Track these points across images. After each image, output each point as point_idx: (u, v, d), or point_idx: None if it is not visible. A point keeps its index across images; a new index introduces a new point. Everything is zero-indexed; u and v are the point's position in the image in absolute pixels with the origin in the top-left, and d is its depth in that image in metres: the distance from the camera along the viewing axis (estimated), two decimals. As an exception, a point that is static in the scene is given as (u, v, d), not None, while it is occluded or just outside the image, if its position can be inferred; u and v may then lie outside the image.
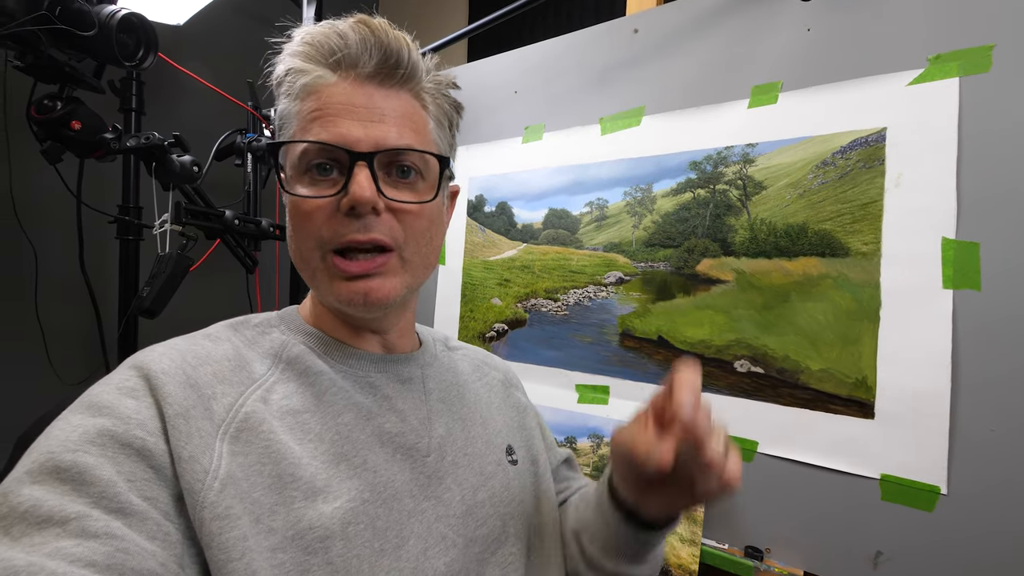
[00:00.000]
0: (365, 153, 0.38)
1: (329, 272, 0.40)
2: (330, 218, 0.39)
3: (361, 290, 0.39)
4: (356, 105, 0.39)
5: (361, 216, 0.38)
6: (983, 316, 0.60)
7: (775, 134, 0.75)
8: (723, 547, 0.75)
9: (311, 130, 0.39)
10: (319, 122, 0.39)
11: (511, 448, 0.51)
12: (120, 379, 0.35)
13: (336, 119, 0.38)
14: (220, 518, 0.32)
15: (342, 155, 0.38)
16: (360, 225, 0.39)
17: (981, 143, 0.62)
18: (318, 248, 0.39)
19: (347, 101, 0.39)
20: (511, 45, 1.06)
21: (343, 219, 0.39)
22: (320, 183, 0.39)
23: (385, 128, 0.39)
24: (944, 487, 0.61)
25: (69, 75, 0.84)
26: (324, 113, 0.39)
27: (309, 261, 0.40)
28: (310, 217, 0.39)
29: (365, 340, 0.45)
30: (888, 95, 0.67)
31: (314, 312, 0.46)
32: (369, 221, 0.39)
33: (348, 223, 0.39)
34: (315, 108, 0.39)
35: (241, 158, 1.17)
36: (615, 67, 0.90)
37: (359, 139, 0.38)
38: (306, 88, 0.40)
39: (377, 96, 0.40)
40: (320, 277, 0.40)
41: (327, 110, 0.39)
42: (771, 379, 0.74)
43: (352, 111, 0.39)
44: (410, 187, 0.41)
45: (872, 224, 0.68)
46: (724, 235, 0.79)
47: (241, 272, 1.18)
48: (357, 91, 0.39)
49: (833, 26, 0.72)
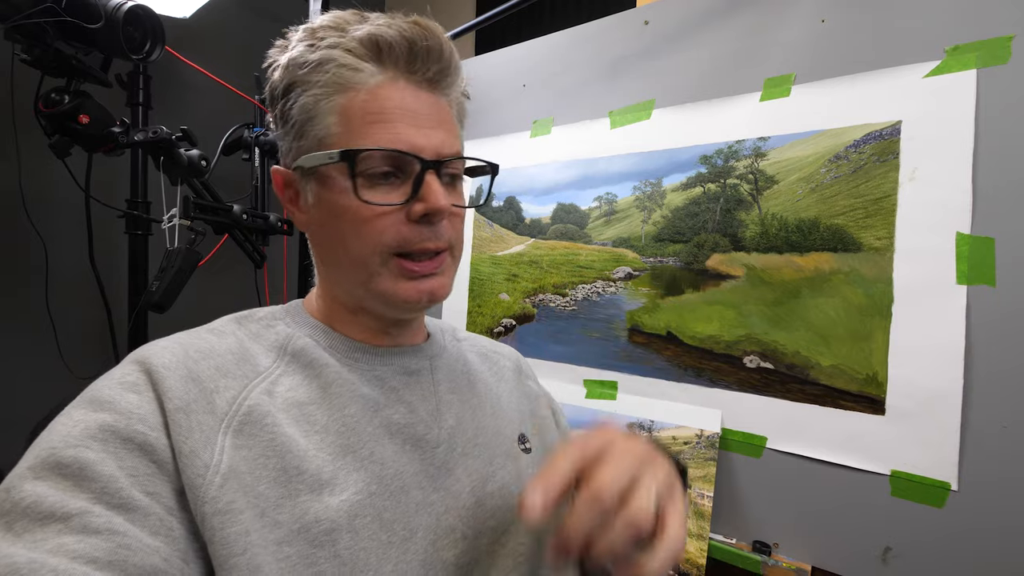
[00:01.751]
0: (434, 161, 0.39)
1: (392, 274, 0.40)
2: (397, 224, 0.39)
3: (426, 289, 0.40)
4: (414, 111, 0.39)
5: (433, 223, 0.39)
6: (998, 312, 0.60)
7: (787, 127, 0.75)
8: (731, 542, 0.75)
9: (371, 134, 0.38)
10: (380, 127, 0.38)
11: (523, 436, 0.51)
12: (122, 374, 0.35)
13: (399, 125, 0.38)
14: (221, 513, 0.31)
15: (408, 162, 0.38)
16: (431, 232, 0.40)
17: (998, 137, 0.61)
18: (379, 253, 0.39)
19: (405, 106, 0.38)
20: (519, 38, 1.05)
21: (412, 225, 0.39)
22: (378, 187, 0.39)
23: (440, 135, 0.40)
24: (955, 483, 0.61)
25: (76, 68, 0.84)
26: (384, 117, 0.38)
27: (368, 265, 0.40)
28: (372, 222, 0.39)
29: (376, 335, 0.45)
30: (904, 88, 0.66)
31: (323, 308, 0.45)
32: (441, 228, 0.40)
33: (419, 229, 0.39)
34: (372, 111, 0.38)
35: (249, 152, 1.17)
36: (625, 60, 0.89)
37: (423, 147, 0.39)
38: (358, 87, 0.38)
39: (429, 101, 0.40)
40: (381, 279, 0.40)
41: (387, 115, 0.38)
42: (781, 375, 0.73)
43: (413, 117, 0.39)
44: (454, 189, 0.42)
45: (885, 219, 0.67)
46: (734, 230, 0.79)
47: (249, 267, 1.19)
48: (412, 95, 0.39)
49: (848, 17, 0.71)
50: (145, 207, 1.08)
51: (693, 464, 0.78)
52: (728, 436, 0.77)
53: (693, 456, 0.78)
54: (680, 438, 0.80)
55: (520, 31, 1.57)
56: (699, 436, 0.78)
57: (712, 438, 0.77)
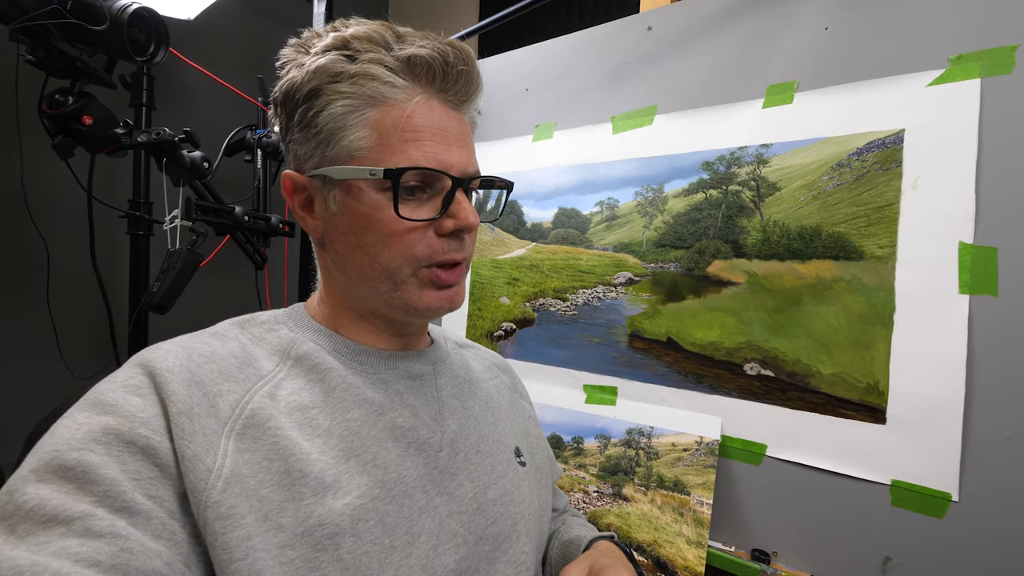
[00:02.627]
0: (464, 180, 0.41)
1: (421, 282, 0.42)
2: (427, 238, 0.41)
3: (448, 296, 0.43)
4: (444, 129, 0.40)
5: (462, 238, 0.42)
6: (1000, 322, 0.60)
7: (790, 135, 0.74)
8: (730, 550, 0.75)
9: (405, 151, 0.39)
10: (414, 144, 0.39)
11: (519, 450, 0.51)
12: (125, 377, 0.35)
13: (430, 143, 0.40)
14: (223, 518, 0.31)
15: (443, 179, 0.40)
16: (459, 246, 0.42)
17: (1002, 146, 0.60)
18: (409, 264, 0.41)
19: (434, 123, 0.40)
20: (521, 42, 1.05)
21: (440, 239, 0.41)
22: (408, 202, 0.40)
23: (467, 154, 0.42)
24: (956, 494, 0.61)
25: (80, 70, 0.84)
26: (418, 136, 0.39)
27: (395, 275, 0.41)
28: (403, 236, 0.40)
29: (382, 339, 0.46)
30: (907, 96, 0.66)
31: (327, 312, 0.46)
32: (467, 241, 0.43)
33: (447, 242, 0.41)
34: (407, 128, 0.39)
35: (251, 154, 1.17)
36: (628, 65, 0.89)
37: (453, 164, 0.40)
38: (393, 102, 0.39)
39: (455, 120, 0.42)
40: (407, 288, 0.42)
41: (420, 133, 0.39)
42: (781, 382, 0.73)
43: (439, 135, 0.40)
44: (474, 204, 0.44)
45: (888, 227, 0.67)
46: (736, 237, 0.78)
47: (251, 268, 1.19)
48: (443, 115, 0.41)
49: (852, 25, 0.70)
50: (147, 208, 1.09)
51: (693, 471, 0.78)
52: (728, 443, 0.77)
53: (693, 463, 0.78)
54: (679, 445, 0.80)
55: (522, 36, 1.57)
56: (699, 443, 0.78)
57: (712, 445, 0.77)
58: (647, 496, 0.80)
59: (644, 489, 0.81)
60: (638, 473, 0.82)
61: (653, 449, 0.82)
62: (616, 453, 0.85)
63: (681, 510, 0.77)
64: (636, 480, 0.82)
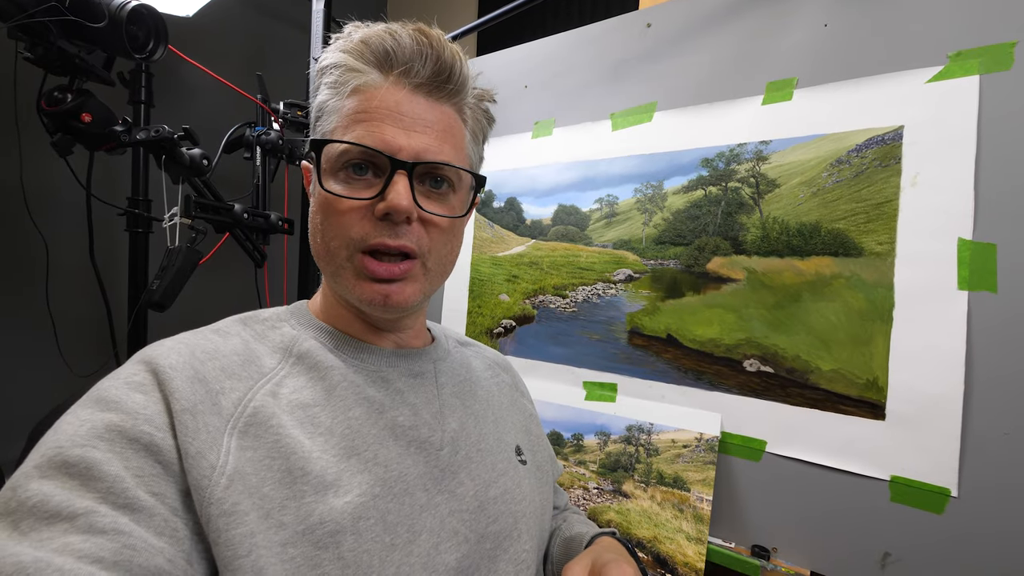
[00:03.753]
0: (406, 163, 0.39)
1: (355, 270, 0.40)
2: (362, 219, 0.40)
3: (382, 292, 0.40)
4: (403, 113, 0.39)
5: (395, 223, 0.39)
6: (999, 318, 0.60)
7: (789, 131, 0.75)
8: (730, 546, 0.75)
9: (355, 131, 0.39)
10: (365, 124, 0.39)
11: (519, 449, 0.51)
12: (128, 373, 0.35)
13: (382, 124, 0.39)
14: (227, 514, 0.32)
15: (383, 161, 0.39)
16: (391, 231, 0.40)
17: (1001, 143, 0.61)
18: (346, 247, 0.40)
19: (395, 108, 0.39)
20: (520, 40, 1.05)
21: (375, 222, 0.39)
22: (355, 183, 0.40)
23: (427, 139, 0.40)
24: (955, 490, 0.61)
25: (79, 67, 0.84)
26: (371, 116, 0.39)
27: (335, 258, 0.41)
28: (342, 216, 0.40)
29: (378, 337, 0.46)
30: (906, 93, 0.66)
31: (326, 308, 0.46)
32: (401, 228, 0.40)
33: (380, 227, 0.39)
34: (362, 109, 0.39)
35: (250, 151, 1.17)
36: (627, 62, 0.89)
37: (402, 147, 0.39)
38: (355, 87, 0.40)
39: (424, 106, 0.40)
40: (344, 275, 0.41)
41: (374, 114, 0.39)
42: (781, 379, 0.73)
43: (398, 118, 0.39)
44: (442, 198, 0.42)
45: (887, 224, 0.67)
46: (735, 233, 0.78)
47: (250, 266, 1.19)
48: (406, 99, 0.40)
49: (851, 22, 0.70)
50: (146, 205, 1.08)
51: (692, 467, 0.78)
52: (727, 440, 0.77)
53: (692, 459, 0.78)
54: (679, 441, 0.80)
55: (522, 33, 1.57)
56: (698, 439, 0.78)
57: (711, 441, 0.77)
58: (647, 492, 0.81)
59: (644, 485, 0.81)
60: (638, 470, 0.82)
61: (653, 446, 0.82)
62: (616, 450, 0.85)
63: (681, 506, 0.77)
64: (636, 476, 0.82)
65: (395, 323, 0.46)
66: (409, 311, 0.43)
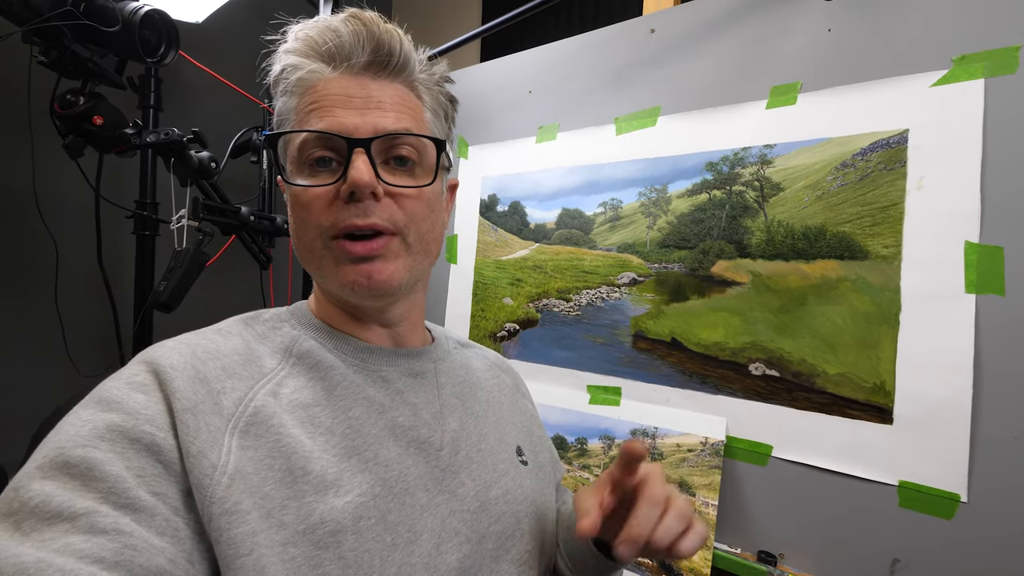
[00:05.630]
0: (362, 139, 0.39)
1: (334, 256, 0.40)
2: (330, 205, 0.39)
3: (364, 272, 0.39)
4: (352, 96, 0.40)
5: (360, 201, 0.39)
6: (1007, 321, 0.59)
7: (794, 135, 0.75)
8: (736, 551, 0.74)
9: (308, 122, 0.39)
10: (315, 114, 0.39)
11: (520, 449, 0.51)
12: (130, 374, 0.35)
13: (332, 109, 0.39)
14: (228, 513, 0.32)
15: (340, 144, 0.39)
16: (359, 210, 0.39)
17: (1006, 146, 0.61)
18: (320, 236, 0.40)
19: (343, 92, 0.39)
20: (524, 46, 1.06)
21: (343, 206, 0.39)
22: (319, 174, 0.40)
23: (382, 114, 0.40)
24: (964, 495, 0.60)
25: (92, 71, 0.85)
26: (320, 105, 0.39)
27: (312, 250, 0.41)
28: (310, 206, 0.39)
29: (374, 333, 0.45)
30: (911, 96, 0.66)
31: (320, 307, 0.46)
32: (368, 206, 0.39)
33: (348, 209, 0.39)
34: (312, 101, 0.40)
35: (257, 155, 1.18)
36: (631, 67, 0.90)
37: (357, 126, 0.39)
38: (302, 83, 0.40)
39: (372, 86, 0.40)
40: (325, 264, 0.40)
41: (323, 102, 0.39)
42: (786, 382, 0.73)
43: (348, 101, 0.39)
44: (408, 173, 0.42)
45: (893, 227, 0.67)
46: (740, 237, 0.78)
47: (255, 268, 1.19)
48: (352, 83, 0.40)
49: (855, 26, 0.71)
50: (154, 208, 1.10)
51: (698, 472, 0.77)
52: (733, 444, 0.76)
53: (698, 464, 0.77)
54: (684, 445, 0.79)
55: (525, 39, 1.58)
56: (704, 444, 0.78)
57: (717, 446, 0.76)
58: (651, 497, 0.80)
59: (648, 490, 0.80)
60: (642, 474, 0.81)
61: (658, 450, 0.81)
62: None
63: (686, 511, 0.76)
64: (640, 481, 0.81)
65: (386, 314, 0.45)
66: (396, 293, 0.42)
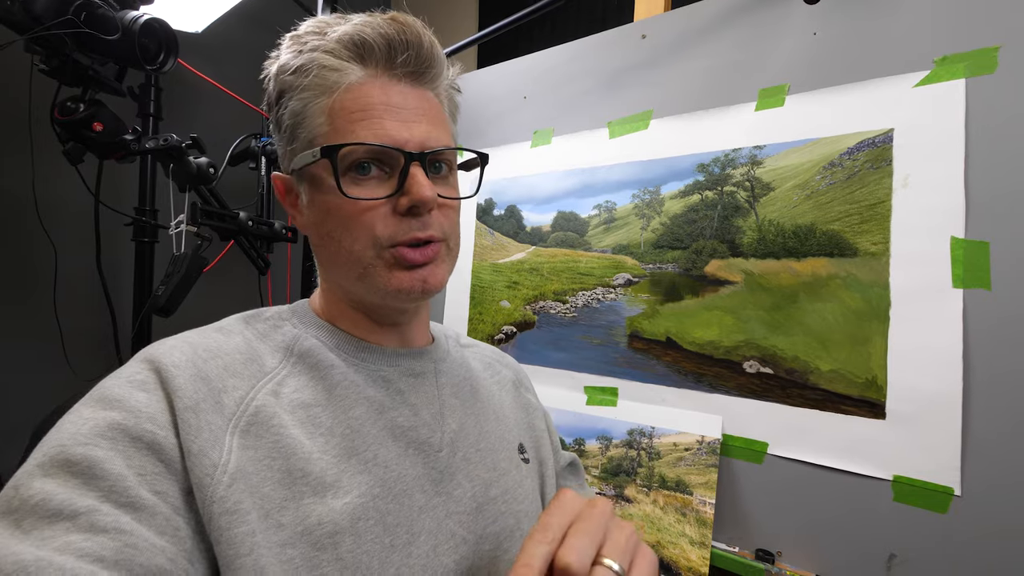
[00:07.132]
0: (417, 154, 0.39)
1: (386, 263, 0.40)
2: (385, 217, 0.39)
3: (420, 277, 0.40)
4: (395, 105, 0.39)
5: (420, 215, 0.40)
6: (994, 315, 0.60)
7: (782, 136, 0.76)
8: (733, 550, 0.74)
9: (354, 131, 0.39)
10: (364, 123, 0.39)
11: (522, 447, 0.51)
12: (131, 372, 0.35)
13: (381, 120, 0.39)
14: (229, 513, 0.31)
15: (390, 155, 0.39)
16: (419, 223, 0.40)
17: (988, 143, 0.62)
18: (372, 247, 0.40)
19: (386, 101, 0.39)
20: (518, 52, 1.07)
21: (400, 218, 0.39)
22: (365, 183, 0.39)
23: (424, 128, 0.40)
24: (958, 488, 0.61)
25: (92, 78, 0.87)
26: (367, 114, 0.39)
27: (361, 258, 0.40)
28: (360, 217, 0.39)
29: (384, 335, 0.45)
30: (895, 97, 0.68)
31: (328, 308, 0.46)
32: (427, 219, 0.40)
33: (406, 221, 0.39)
34: (357, 108, 0.39)
35: (255, 161, 1.19)
36: (623, 72, 0.92)
37: (407, 140, 0.39)
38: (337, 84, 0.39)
39: (411, 96, 0.40)
40: (374, 271, 0.40)
41: (371, 111, 0.39)
42: (780, 380, 0.73)
43: (393, 111, 0.39)
44: (445, 181, 0.43)
45: (880, 224, 0.68)
46: (732, 236, 0.80)
47: (254, 273, 1.20)
48: (392, 90, 0.40)
49: (839, 29, 0.73)
50: (152, 214, 1.10)
51: (695, 471, 0.77)
52: (729, 442, 0.77)
53: (694, 462, 0.78)
54: (681, 444, 0.79)
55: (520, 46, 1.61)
56: (700, 442, 0.78)
57: (713, 444, 0.77)
58: (649, 497, 0.80)
59: (646, 490, 0.80)
60: (640, 474, 0.82)
61: (655, 449, 0.81)
62: (618, 454, 0.85)
63: (684, 510, 0.76)
64: (638, 481, 0.82)
65: (409, 314, 0.46)
66: (434, 295, 0.43)
